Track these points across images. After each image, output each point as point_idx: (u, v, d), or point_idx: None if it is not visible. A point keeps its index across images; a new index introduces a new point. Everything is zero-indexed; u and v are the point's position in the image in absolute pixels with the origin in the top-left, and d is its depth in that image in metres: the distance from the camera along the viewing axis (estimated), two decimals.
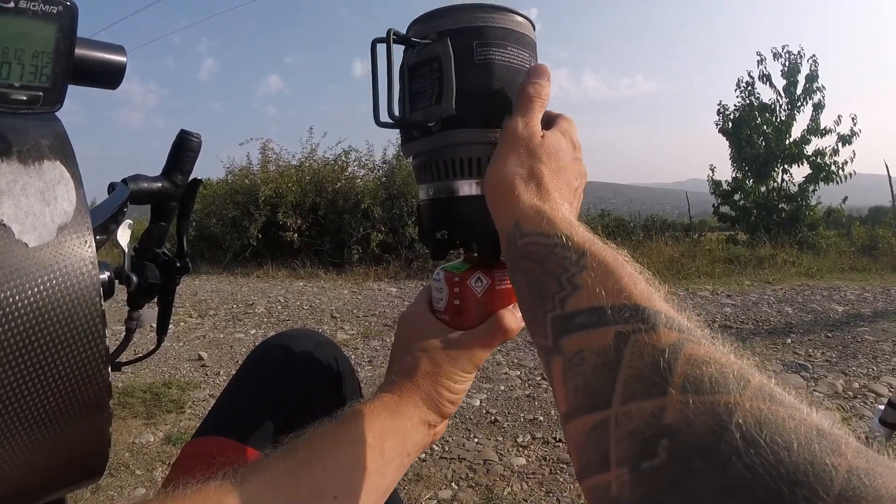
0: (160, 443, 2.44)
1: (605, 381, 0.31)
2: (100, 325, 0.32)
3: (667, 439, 0.27)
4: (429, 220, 0.57)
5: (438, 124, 0.53)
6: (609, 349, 0.32)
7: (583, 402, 0.32)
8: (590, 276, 0.36)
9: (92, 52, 0.41)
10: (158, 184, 0.63)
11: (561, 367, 0.35)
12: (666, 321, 0.32)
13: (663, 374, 0.29)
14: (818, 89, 9.68)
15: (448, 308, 0.57)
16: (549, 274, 0.38)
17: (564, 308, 0.36)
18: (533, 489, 2.02)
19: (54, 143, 0.33)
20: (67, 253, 0.31)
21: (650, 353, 0.30)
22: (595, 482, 0.30)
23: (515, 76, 0.52)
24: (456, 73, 0.51)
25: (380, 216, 8.24)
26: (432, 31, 0.53)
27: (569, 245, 0.39)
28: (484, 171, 0.51)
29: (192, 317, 4.99)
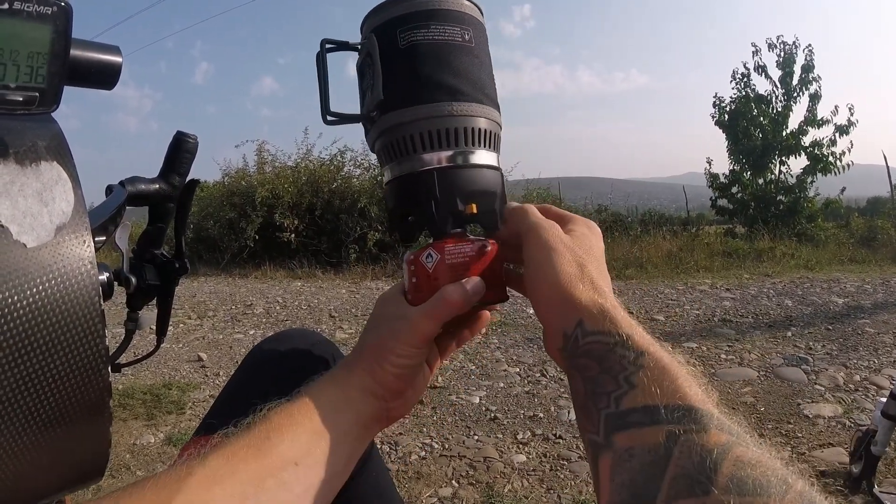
0: (161, 444, 2.44)
1: (652, 478, 0.31)
2: (99, 325, 0.32)
3: None
4: (390, 200, 0.59)
5: (377, 112, 0.55)
6: (659, 447, 0.32)
7: (626, 497, 0.32)
8: (646, 376, 0.36)
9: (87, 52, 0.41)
10: (156, 185, 0.63)
11: (610, 463, 0.35)
12: (717, 423, 0.32)
13: (708, 474, 0.29)
14: (814, 79, 9.69)
15: (409, 286, 0.58)
16: (607, 372, 0.39)
17: (620, 406, 0.36)
18: (533, 486, 2.02)
19: (51, 143, 0.33)
20: (66, 253, 0.31)
21: (698, 453, 0.31)
22: None
23: (442, 49, 0.54)
24: (384, 62, 0.54)
25: (376, 215, 8.23)
26: (368, 30, 0.56)
27: (629, 344, 0.39)
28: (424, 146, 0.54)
29: (192, 318, 4.98)
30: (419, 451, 2.31)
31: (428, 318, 0.55)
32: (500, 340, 3.94)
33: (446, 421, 2.62)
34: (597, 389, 0.39)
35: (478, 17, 0.58)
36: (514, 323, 4.41)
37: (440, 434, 2.47)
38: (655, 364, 0.37)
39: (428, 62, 0.54)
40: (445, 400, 2.86)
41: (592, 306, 0.43)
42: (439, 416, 2.68)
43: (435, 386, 3.05)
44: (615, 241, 7.76)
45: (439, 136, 0.54)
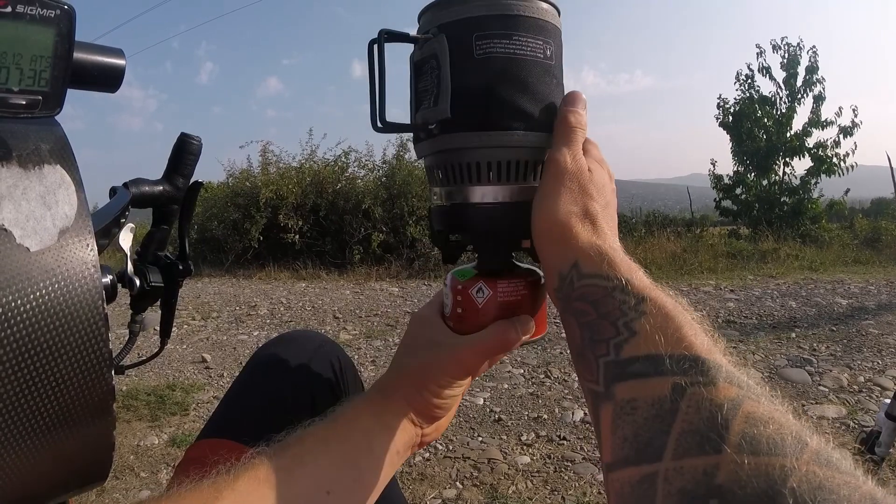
0: (165, 445, 2.44)
1: (658, 434, 0.30)
2: (103, 328, 0.32)
3: (717, 500, 0.26)
4: (438, 224, 0.55)
5: (438, 126, 0.50)
6: (664, 400, 0.31)
7: (631, 454, 0.31)
8: (648, 323, 0.35)
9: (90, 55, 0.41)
10: (160, 187, 0.63)
11: (611, 415, 0.33)
12: (726, 375, 0.31)
13: (719, 431, 0.28)
14: (818, 81, 9.66)
15: (452, 314, 0.55)
16: (605, 317, 0.37)
17: (619, 354, 0.35)
18: (538, 487, 2.02)
19: (55, 147, 0.33)
20: (69, 256, 0.31)
21: (707, 408, 0.29)
22: None
23: (522, 68, 0.48)
24: (453, 70, 0.48)
25: (381, 216, 8.23)
26: (433, 24, 0.49)
27: (628, 289, 0.37)
28: (489, 177, 0.49)
29: (196, 319, 4.99)
30: (423, 452, 2.31)
31: (477, 354, 0.53)
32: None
33: (450, 422, 2.61)
34: (594, 336, 0.37)
35: (558, 24, 0.52)
36: None
37: (444, 435, 2.47)
38: (658, 310, 0.35)
39: (506, 81, 0.48)
40: None
41: (590, 248, 0.41)
42: None
43: None
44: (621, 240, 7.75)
45: (508, 167, 0.49)
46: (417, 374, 0.54)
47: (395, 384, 0.55)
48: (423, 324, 0.58)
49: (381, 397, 0.54)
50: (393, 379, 0.56)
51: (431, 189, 0.55)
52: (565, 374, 3.17)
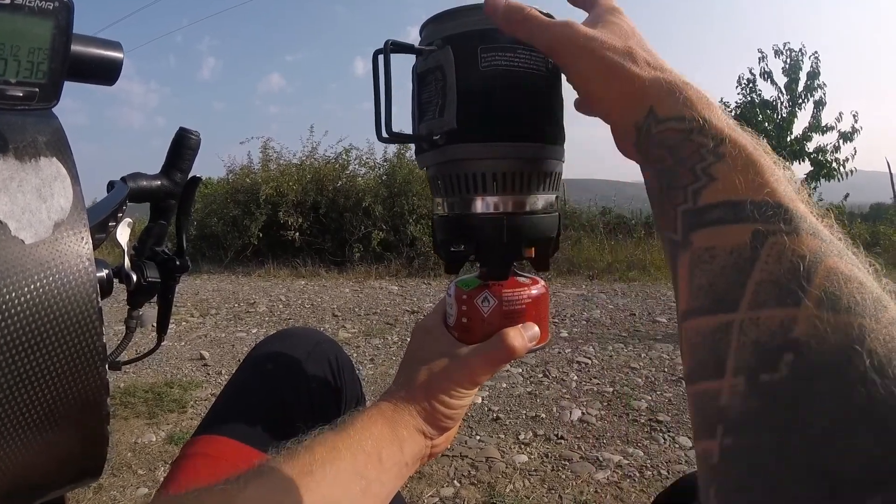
0: (162, 442, 2.44)
1: (735, 283, 0.29)
2: (97, 322, 0.32)
3: (792, 353, 0.25)
4: (441, 233, 0.55)
5: (443, 137, 0.50)
6: (744, 248, 0.29)
7: (706, 302, 0.30)
8: (728, 167, 0.32)
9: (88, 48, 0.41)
10: (158, 182, 0.63)
11: (688, 263, 0.32)
12: (810, 227, 0.29)
13: (800, 283, 0.26)
14: (819, 86, 9.66)
15: (456, 324, 0.56)
16: (683, 163, 0.34)
17: (697, 201, 0.33)
18: (535, 486, 2.01)
19: (51, 139, 0.33)
20: (64, 250, 0.31)
21: (789, 258, 0.28)
22: (704, 388, 0.28)
23: (527, 81, 0.49)
24: (459, 82, 0.48)
25: (381, 214, 8.23)
26: (438, 35, 0.50)
27: (706, 129, 0.34)
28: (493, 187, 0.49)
29: (194, 316, 4.99)
30: None
31: (485, 363, 0.54)
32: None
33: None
34: (672, 183, 0.35)
35: None
36: None
37: None
38: (738, 153, 0.33)
39: (510, 94, 0.49)
40: None
41: (663, 87, 0.38)
42: None
43: None
44: (619, 243, 7.74)
45: (513, 179, 0.50)
46: (425, 385, 0.54)
47: (404, 395, 0.55)
48: (428, 334, 0.58)
49: (390, 408, 0.54)
50: (401, 389, 0.56)
51: (434, 199, 0.56)
52: (563, 374, 3.17)
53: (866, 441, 0.22)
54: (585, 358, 3.43)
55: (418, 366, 0.56)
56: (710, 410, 0.28)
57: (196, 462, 0.66)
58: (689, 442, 2.30)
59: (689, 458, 2.17)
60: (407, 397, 0.54)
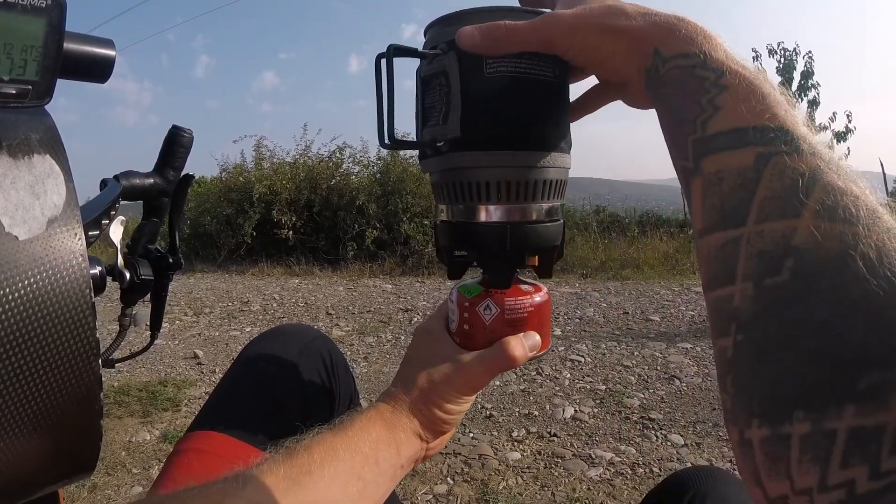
0: (157, 441, 2.44)
1: (742, 200, 0.32)
2: (90, 317, 0.32)
3: (792, 259, 0.28)
4: (444, 240, 0.55)
5: (447, 144, 0.49)
6: (749, 169, 0.32)
7: (717, 220, 0.33)
8: (731, 97, 0.35)
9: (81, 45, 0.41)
10: (150, 180, 0.63)
11: (700, 187, 0.35)
12: (809, 147, 0.32)
13: (800, 198, 0.29)
14: (813, 86, 9.69)
15: (458, 330, 0.56)
16: (689, 97, 0.37)
17: (706, 130, 0.35)
18: (528, 483, 2.02)
19: (44, 136, 0.33)
20: (57, 246, 0.31)
21: (790, 176, 0.30)
22: (719, 294, 0.32)
23: (533, 88, 0.48)
24: (463, 88, 0.47)
25: (375, 213, 8.22)
26: (443, 39, 0.49)
27: (708, 63, 0.37)
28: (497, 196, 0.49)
29: (188, 315, 4.98)
30: None
31: (486, 370, 0.54)
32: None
33: None
34: (682, 117, 0.37)
35: None
36: None
37: None
38: (740, 82, 0.35)
39: (516, 102, 0.48)
40: None
41: (660, 29, 0.40)
42: None
43: None
44: (612, 241, 7.76)
45: (517, 187, 0.49)
46: (424, 388, 0.55)
47: (402, 397, 0.55)
48: (429, 337, 0.59)
49: (389, 410, 0.55)
50: (400, 392, 0.56)
51: (438, 205, 0.55)
52: (556, 372, 3.18)
53: (861, 328, 0.25)
54: (578, 356, 3.43)
55: (418, 368, 0.56)
56: (725, 313, 0.31)
57: (189, 458, 0.66)
58: (680, 439, 2.31)
59: (681, 456, 2.18)
60: (405, 400, 0.55)
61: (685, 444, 2.27)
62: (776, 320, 0.28)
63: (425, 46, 0.52)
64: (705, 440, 2.29)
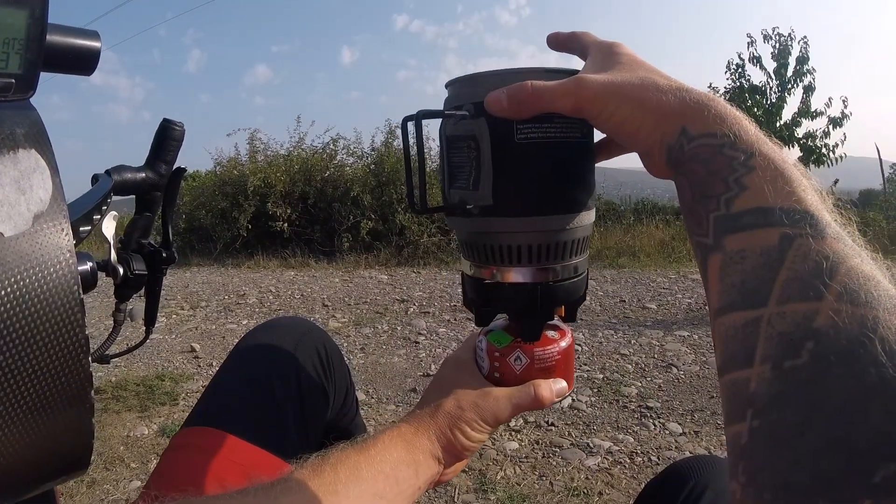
0: (154, 435, 2.44)
1: (764, 280, 0.31)
2: (79, 314, 0.31)
3: (812, 342, 0.28)
4: (472, 293, 0.55)
5: (478, 209, 0.49)
6: (773, 249, 0.32)
7: (737, 299, 0.32)
8: (758, 177, 0.35)
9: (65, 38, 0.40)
10: (142, 174, 0.62)
11: (719, 264, 0.35)
12: (834, 232, 0.32)
13: (823, 280, 0.29)
14: (808, 71, 9.67)
15: (489, 376, 0.58)
16: (716, 174, 0.37)
17: (730, 208, 0.35)
18: (526, 473, 2.03)
19: (30, 131, 0.33)
20: (44, 242, 0.30)
21: (813, 258, 0.30)
22: (736, 377, 0.31)
23: (563, 153, 0.48)
24: (494, 156, 0.47)
25: (369, 204, 8.21)
26: (469, 99, 0.48)
27: (737, 144, 0.37)
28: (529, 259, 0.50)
29: (184, 309, 4.97)
30: None
31: (514, 406, 0.56)
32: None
33: None
34: (705, 192, 0.37)
35: None
36: None
37: None
38: (768, 164, 0.36)
39: (547, 167, 0.48)
40: None
41: (693, 107, 0.40)
42: None
43: (428, 374, 3.05)
44: (608, 230, 7.77)
45: (547, 250, 0.49)
46: (450, 415, 0.56)
47: (426, 420, 0.57)
48: (459, 367, 0.61)
49: (411, 431, 0.56)
50: (425, 415, 0.57)
51: (463, 259, 0.56)
52: None
53: (877, 416, 0.24)
54: (576, 344, 3.44)
55: (446, 394, 0.57)
56: (741, 397, 0.30)
57: (184, 454, 0.66)
58: (678, 428, 2.32)
59: (679, 444, 2.19)
60: (429, 423, 0.56)
61: (683, 433, 2.28)
62: (793, 404, 0.27)
63: (448, 102, 0.51)
64: (703, 428, 2.30)
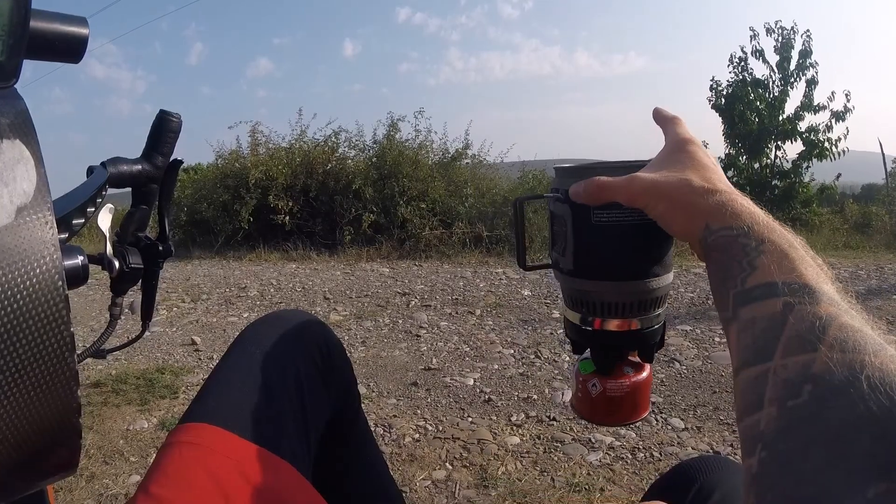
0: (154, 429, 2.44)
1: (770, 340, 0.38)
2: (63, 311, 0.30)
3: (811, 384, 0.33)
4: (569, 330, 0.65)
5: (566, 269, 0.62)
6: (777, 314, 0.39)
7: (750, 356, 0.39)
8: (766, 258, 0.43)
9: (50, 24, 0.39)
10: (138, 166, 0.61)
11: (736, 331, 0.42)
12: (828, 299, 0.39)
13: (817, 335, 0.35)
14: (811, 65, 9.64)
15: (574, 396, 0.69)
16: (733, 258, 0.45)
17: (745, 285, 0.43)
18: (527, 468, 2.02)
19: (15, 121, 0.32)
20: (28, 235, 0.29)
21: (809, 319, 0.37)
22: (750, 421, 0.36)
23: (632, 234, 0.58)
24: (575, 232, 0.60)
25: (371, 196, 8.20)
26: (563, 187, 0.60)
27: (750, 234, 0.45)
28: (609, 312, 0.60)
29: (185, 301, 4.97)
30: (413, 433, 2.32)
31: None
32: (494, 322, 3.94)
33: (440, 403, 2.62)
34: (727, 274, 0.45)
35: None
36: (509, 304, 4.41)
37: (434, 416, 2.47)
38: (774, 249, 0.43)
39: (615, 245, 0.59)
40: (439, 382, 2.86)
41: (712, 207, 0.49)
42: (433, 398, 2.68)
43: (429, 368, 3.05)
44: None
45: (628, 307, 0.60)
46: None
47: None
48: None
49: None
50: None
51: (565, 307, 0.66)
52: (555, 355, 3.18)
53: (868, 442, 0.29)
54: None
55: None
56: (753, 436, 0.36)
57: (181, 450, 0.65)
58: (681, 423, 2.31)
59: (682, 440, 2.18)
60: None
61: (686, 428, 2.27)
62: (796, 435, 0.32)
63: (553, 185, 0.64)
64: (706, 424, 2.29)
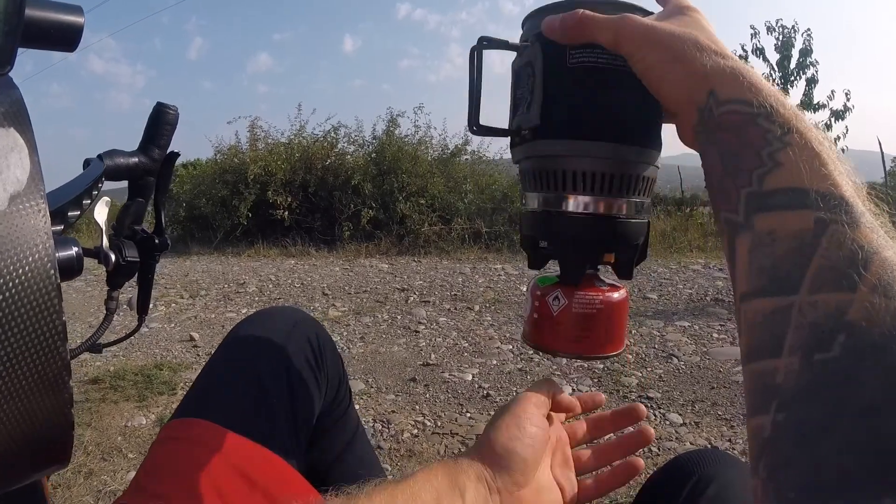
0: (152, 425, 2.43)
1: (796, 267, 0.30)
2: (55, 299, 0.30)
3: (845, 334, 0.27)
4: (526, 229, 0.55)
5: (530, 133, 0.50)
6: (806, 234, 0.31)
7: (767, 284, 0.31)
8: (794, 155, 0.33)
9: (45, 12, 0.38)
10: (135, 159, 0.61)
11: (748, 245, 0.33)
12: (868, 222, 0.31)
13: (858, 270, 0.28)
14: (811, 64, 9.65)
15: (529, 319, 0.56)
16: (749, 146, 0.35)
17: (762, 185, 0.34)
18: None
19: (9, 110, 0.31)
20: (20, 223, 0.29)
21: (848, 247, 0.29)
22: (762, 367, 0.30)
23: (614, 79, 0.47)
24: (547, 79, 0.48)
25: (370, 192, 8.20)
26: (532, 32, 0.49)
27: (773, 117, 0.35)
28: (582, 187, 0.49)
29: (184, 297, 4.97)
30: (411, 428, 2.32)
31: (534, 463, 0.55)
32: (493, 318, 3.94)
33: (439, 398, 2.62)
34: (738, 166, 0.35)
35: None
36: (508, 300, 4.41)
37: (433, 412, 2.47)
38: (805, 142, 0.34)
39: (597, 92, 0.48)
40: (438, 377, 2.86)
41: (724, 72, 0.38)
42: (432, 393, 2.68)
43: (428, 364, 3.05)
44: None
45: (601, 180, 0.49)
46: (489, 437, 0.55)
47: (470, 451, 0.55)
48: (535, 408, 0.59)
49: (452, 461, 0.54)
50: (474, 447, 0.56)
51: (525, 193, 0.55)
52: None
53: None
54: None
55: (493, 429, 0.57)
56: (766, 388, 0.29)
57: (174, 446, 0.65)
58: (679, 418, 2.31)
59: (680, 435, 2.18)
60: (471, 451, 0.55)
61: (684, 423, 2.27)
62: (821, 400, 0.27)
63: (521, 40, 0.52)
64: (704, 419, 2.29)
